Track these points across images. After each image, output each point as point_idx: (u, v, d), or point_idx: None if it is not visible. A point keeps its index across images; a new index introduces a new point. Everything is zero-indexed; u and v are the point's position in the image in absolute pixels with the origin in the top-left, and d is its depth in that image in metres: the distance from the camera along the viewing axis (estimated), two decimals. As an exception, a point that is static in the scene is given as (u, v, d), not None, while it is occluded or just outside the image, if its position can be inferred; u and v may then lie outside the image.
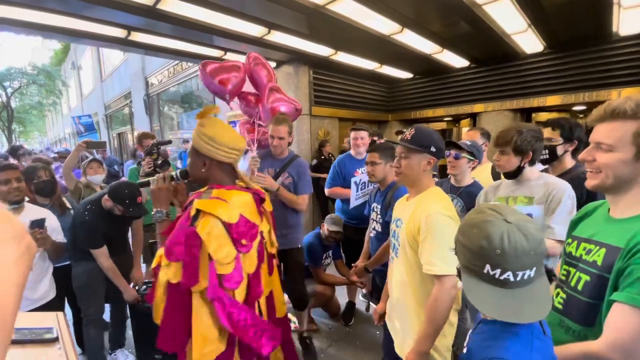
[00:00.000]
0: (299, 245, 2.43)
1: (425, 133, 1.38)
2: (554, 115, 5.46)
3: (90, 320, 2.17)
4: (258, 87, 2.66)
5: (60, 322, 1.23)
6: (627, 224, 0.87)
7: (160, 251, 1.15)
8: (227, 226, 1.15)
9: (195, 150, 1.25)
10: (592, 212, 1.06)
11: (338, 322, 2.94)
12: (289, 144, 3.43)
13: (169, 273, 1.10)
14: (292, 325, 2.77)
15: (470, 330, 0.93)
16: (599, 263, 0.90)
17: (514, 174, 1.64)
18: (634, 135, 0.83)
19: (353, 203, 2.63)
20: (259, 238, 1.32)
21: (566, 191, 1.52)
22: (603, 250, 0.90)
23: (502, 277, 0.70)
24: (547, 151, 1.89)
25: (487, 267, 0.71)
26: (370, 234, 2.24)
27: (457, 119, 6.55)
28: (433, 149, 1.36)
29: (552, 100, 4.70)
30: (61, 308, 2.23)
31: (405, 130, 2.44)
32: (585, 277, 0.94)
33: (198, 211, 1.14)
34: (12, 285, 0.33)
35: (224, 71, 2.45)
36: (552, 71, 4.63)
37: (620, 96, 4.20)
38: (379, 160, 2.13)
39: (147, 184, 1.41)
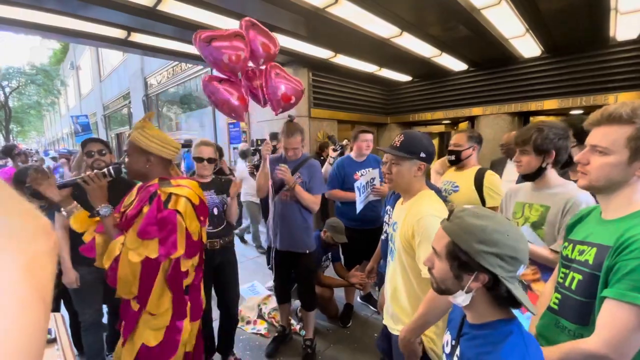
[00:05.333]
0: (307, 252, 2.42)
1: (415, 139, 1.37)
2: (551, 119, 5.50)
3: (87, 324, 2.15)
4: (256, 59, 2.21)
5: (58, 323, 1.23)
6: (617, 224, 0.90)
7: (119, 239, 1.35)
8: (194, 206, 1.45)
9: (139, 148, 1.42)
10: (586, 216, 1.08)
11: (336, 324, 2.94)
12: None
13: (148, 250, 1.31)
14: (295, 328, 2.78)
15: (450, 334, 0.94)
16: (591, 262, 0.93)
17: (534, 176, 1.51)
18: (628, 139, 0.85)
19: (359, 208, 2.63)
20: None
21: (582, 204, 1.36)
22: (594, 249, 0.93)
23: (518, 273, 0.77)
24: None
25: (522, 267, 0.76)
26: (382, 235, 2.20)
27: (455, 122, 6.58)
28: (423, 155, 1.35)
29: (550, 104, 4.74)
30: (56, 310, 2.21)
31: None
32: (578, 277, 0.96)
33: (169, 196, 1.39)
34: (50, 279, 0.33)
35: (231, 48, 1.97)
36: (550, 75, 4.66)
37: (617, 101, 4.23)
38: None
39: (74, 183, 1.44)
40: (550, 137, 1.44)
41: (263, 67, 2.17)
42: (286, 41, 3.87)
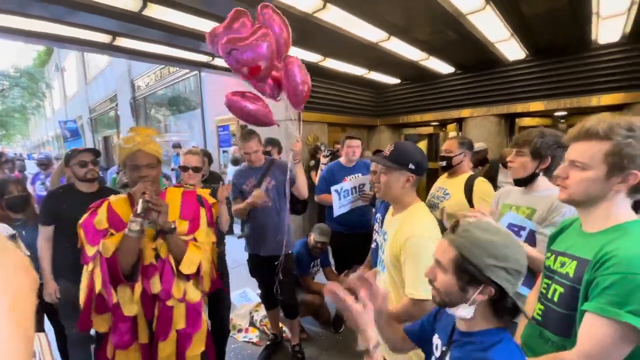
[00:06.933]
0: (290, 251, 2.42)
1: (405, 150, 1.36)
2: (537, 120, 5.60)
3: (74, 338, 2.10)
4: (279, 55, 2.00)
5: (42, 344, 1.20)
6: (596, 238, 0.92)
7: (194, 245, 1.43)
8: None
9: (158, 160, 1.44)
10: (568, 227, 1.10)
11: (328, 329, 2.95)
12: (279, 152, 3.43)
13: (212, 237, 1.53)
14: (283, 335, 2.77)
15: (441, 339, 0.96)
16: (571, 275, 0.95)
17: (525, 181, 1.52)
18: (606, 155, 0.87)
19: (337, 211, 2.63)
20: None
21: (566, 206, 1.37)
22: (574, 262, 0.95)
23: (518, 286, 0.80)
24: None
25: (522, 278, 0.79)
26: (372, 244, 2.17)
27: (444, 124, 6.65)
28: (412, 167, 1.33)
29: (535, 106, 4.83)
30: (40, 324, 2.16)
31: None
32: (559, 289, 0.99)
33: (200, 196, 1.55)
34: (31, 312, 0.36)
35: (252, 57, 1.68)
36: (535, 78, 4.75)
37: (599, 102, 4.34)
38: None
39: (145, 208, 1.27)
40: (549, 143, 1.46)
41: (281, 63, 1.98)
42: (274, 45, 3.86)
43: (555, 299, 0.99)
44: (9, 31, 3.22)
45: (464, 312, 0.83)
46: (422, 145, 7.61)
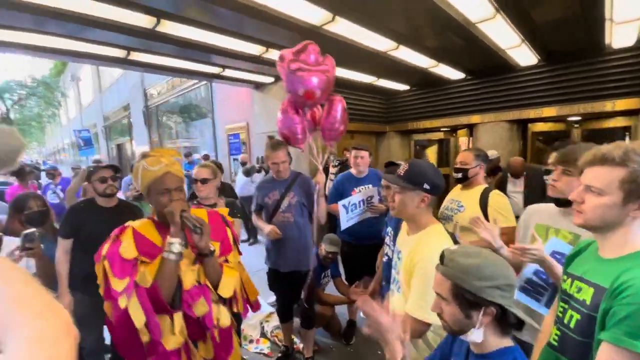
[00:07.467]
0: (308, 268, 2.42)
1: (420, 169, 1.33)
2: (550, 125, 5.52)
3: (90, 350, 2.15)
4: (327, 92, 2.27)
5: None
6: (613, 265, 0.91)
7: (228, 266, 1.40)
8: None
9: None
10: (585, 249, 1.08)
11: (339, 341, 2.94)
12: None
13: (234, 257, 1.46)
14: (295, 346, 2.78)
15: None
16: (588, 302, 0.94)
17: (568, 202, 1.31)
18: (621, 181, 0.86)
19: (344, 225, 2.63)
20: None
21: None
22: (591, 290, 0.94)
23: (515, 297, 0.85)
24: None
25: (515, 290, 0.84)
26: (383, 258, 2.16)
27: (454, 130, 6.60)
28: (427, 187, 1.30)
29: (548, 111, 4.75)
30: None
31: (397, 164, 2.45)
32: (576, 316, 0.97)
33: (224, 216, 1.51)
34: None
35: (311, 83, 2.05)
36: (548, 83, 4.69)
37: (614, 107, 4.25)
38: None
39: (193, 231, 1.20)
40: None
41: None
42: (284, 56, 3.91)
43: (572, 325, 0.98)
44: (28, 48, 3.34)
45: (474, 337, 0.87)
46: (432, 150, 7.56)
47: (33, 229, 1.77)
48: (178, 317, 1.21)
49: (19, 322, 0.36)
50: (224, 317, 1.34)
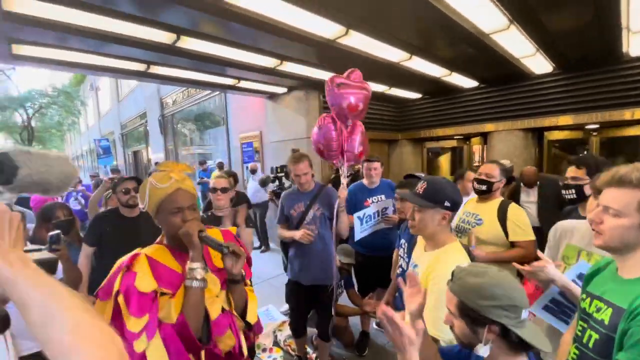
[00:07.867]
0: (328, 284, 2.42)
1: (438, 187, 1.33)
2: (566, 133, 5.42)
3: None
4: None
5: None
6: (632, 285, 0.91)
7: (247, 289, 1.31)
8: None
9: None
10: (604, 268, 1.08)
11: (352, 352, 2.93)
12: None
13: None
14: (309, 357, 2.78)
15: None
16: (606, 322, 0.94)
17: None
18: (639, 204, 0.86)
19: (358, 236, 2.65)
20: None
21: None
22: (610, 310, 0.94)
23: (522, 317, 0.84)
24: (573, 190, 1.75)
25: (524, 311, 0.83)
26: (397, 270, 2.16)
27: (467, 137, 6.55)
28: (447, 204, 1.31)
29: (564, 120, 4.69)
30: None
31: (416, 176, 2.45)
32: (595, 335, 0.97)
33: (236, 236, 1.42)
34: None
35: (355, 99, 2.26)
36: (563, 91, 4.63)
37: (633, 116, 4.16)
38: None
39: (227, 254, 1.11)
40: None
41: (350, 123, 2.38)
42: (297, 67, 3.98)
43: (591, 345, 0.98)
44: (49, 62, 3.48)
45: (481, 352, 0.91)
46: (445, 158, 7.51)
47: (57, 230, 1.79)
48: (201, 356, 1.05)
49: (81, 353, 0.38)
50: (244, 346, 1.23)
